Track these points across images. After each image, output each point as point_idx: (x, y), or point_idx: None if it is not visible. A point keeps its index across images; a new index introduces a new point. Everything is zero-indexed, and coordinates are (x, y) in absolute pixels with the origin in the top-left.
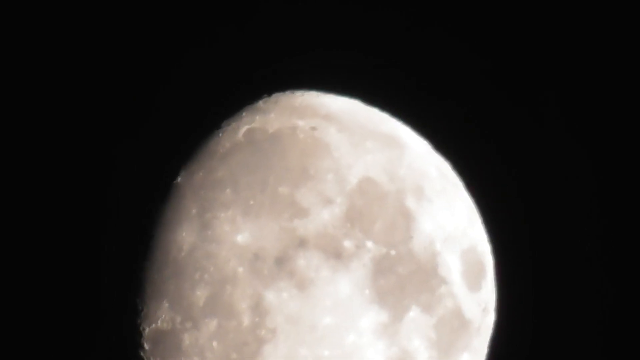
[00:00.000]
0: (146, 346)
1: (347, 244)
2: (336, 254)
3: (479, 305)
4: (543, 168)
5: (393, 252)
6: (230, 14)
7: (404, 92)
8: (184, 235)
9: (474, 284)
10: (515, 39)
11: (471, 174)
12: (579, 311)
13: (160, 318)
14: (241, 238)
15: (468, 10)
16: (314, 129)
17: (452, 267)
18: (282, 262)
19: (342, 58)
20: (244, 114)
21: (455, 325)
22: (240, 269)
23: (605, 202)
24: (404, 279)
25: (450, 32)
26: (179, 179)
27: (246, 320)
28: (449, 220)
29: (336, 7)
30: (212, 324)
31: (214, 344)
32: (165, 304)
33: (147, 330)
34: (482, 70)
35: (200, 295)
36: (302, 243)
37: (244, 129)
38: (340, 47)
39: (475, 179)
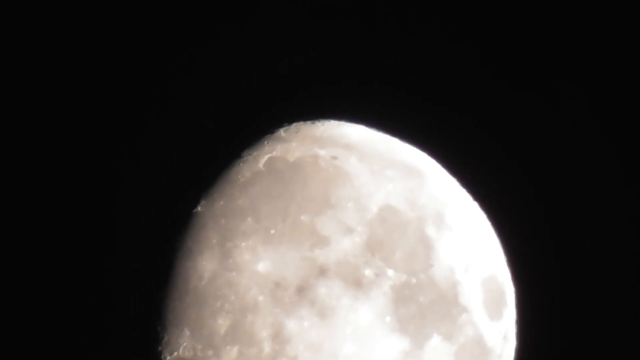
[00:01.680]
0: None
1: (368, 272)
2: (357, 282)
3: (500, 333)
4: (566, 196)
5: (414, 281)
6: (253, 44)
7: (424, 122)
8: (204, 264)
9: (494, 312)
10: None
11: (492, 203)
12: (601, 338)
13: (181, 346)
14: (262, 267)
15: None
16: (334, 158)
17: (472, 295)
18: (303, 290)
19: (363, 88)
20: (265, 143)
21: (476, 353)
22: (261, 298)
23: (631, 229)
24: (424, 307)
25: (471, 61)
26: (199, 208)
27: (267, 348)
28: (469, 249)
29: (357, 38)
30: (233, 352)
31: None
32: (187, 332)
33: (168, 358)
34: (505, 99)
35: (222, 323)
36: (322, 271)
37: (265, 158)
38: (360, 78)
39: (496, 207)
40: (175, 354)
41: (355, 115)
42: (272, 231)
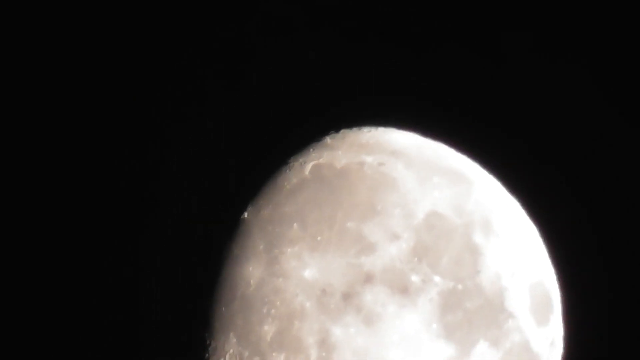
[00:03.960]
0: None
1: (414, 278)
2: (403, 289)
3: (547, 339)
4: (614, 201)
5: (460, 287)
6: (300, 51)
7: (471, 128)
8: (251, 270)
9: (541, 318)
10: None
11: (539, 209)
12: None
13: (228, 352)
14: (308, 273)
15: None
16: (381, 164)
17: (519, 301)
18: (349, 297)
19: (410, 94)
20: (311, 150)
21: (523, 359)
22: (308, 304)
23: None
24: (471, 313)
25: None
26: (246, 215)
27: (313, 355)
28: (516, 255)
29: (404, 44)
30: (279, 359)
31: None
32: (233, 339)
33: None
34: (547, 105)
35: (268, 329)
36: (369, 278)
37: (311, 164)
38: (406, 84)
39: (543, 213)
40: (222, 359)
41: (402, 122)
42: (319, 238)
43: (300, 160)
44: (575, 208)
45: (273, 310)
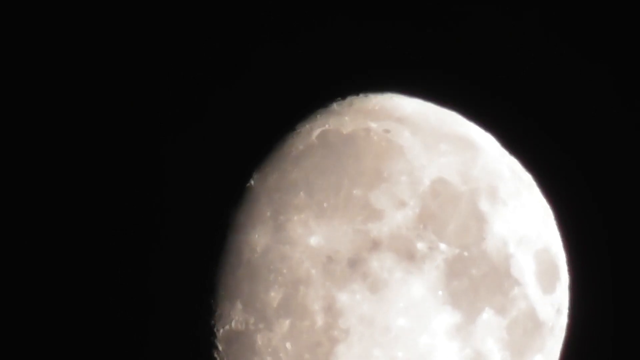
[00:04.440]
0: (220, 347)
1: (420, 245)
2: (409, 256)
3: (553, 306)
4: (618, 166)
5: (466, 254)
6: (307, 18)
7: (477, 94)
8: (257, 237)
9: (547, 285)
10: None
11: (545, 175)
12: None
13: (234, 319)
14: (314, 240)
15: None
16: (387, 131)
17: (525, 268)
18: (355, 264)
19: (415, 61)
20: (317, 116)
21: (528, 327)
22: (314, 271)
23: None
24: (477, 280)
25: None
26: (252, 182)
27: (319, 321)
28: (522, 222)
29: (410, 11)
30: (285, 325)
31: (287, 344)
32: (239, 305)
33: (220, 331)
34: (553, 70)
35: (274, 296)
36: (375, 245)
37: (317, 131)
38: (413, 50)
39: (549, 180)
40: (228, 327)
41: (408, 89)
42: (325, 205)
43: (307, 126)
44: (583, 175)
45: (279, 277)
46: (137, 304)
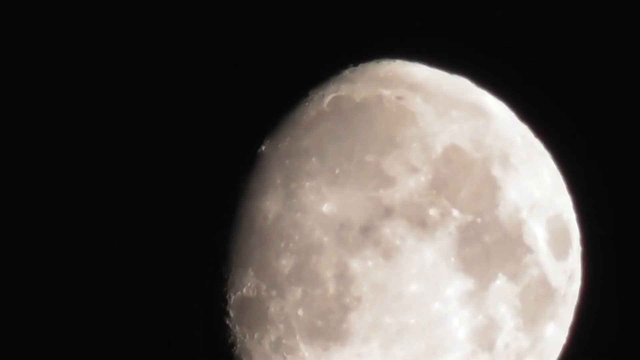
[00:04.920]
0: (231, 314)
1: (433, 212)
2: (422, 223)
3: (565, 273)
4: (630, 135)
5: (479, 221)
6: None
7: (489, 61)
8: (269, 204)
9: (559, 252)
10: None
11: (558, 142)
12: None
13: (245, 286)
14: (326, 207)
15: None
16: (399, 98)
17: (537, 235)
18: (367, 231)
19: (428, 28)
20: (330, 83)
21: (541, 294)
22: (326, 238)
23: None
24: (489, 247)
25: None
26: (264, 148)
27: (331, 289)
28: (534, 189)
29: None
30: (297, 293)
31: (300, 311)
32: (251, 272)
33: (232, 298)
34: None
35: (286, 264)
36: (387, 212)
37: (329, 97)
38: (425, 17)
39: (562, 146)
40: (239, 293)
41: (421, 56)
42: (337, 171)
43: (319, 93)
44: (595, 141)
45: (291, 244)
46: (148, 272)
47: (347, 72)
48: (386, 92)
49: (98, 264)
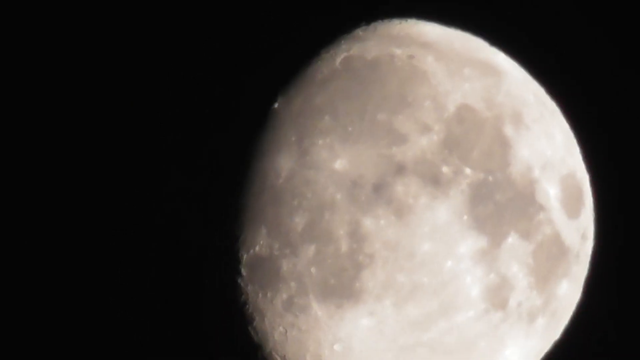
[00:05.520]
0: (244, 272)
1: (445, 170)
2: (434, 181)
3: (578, 231)
4: None
5: (491, 179)
6: None
7: (501, 19)
8: (281, 162)
9: (572, 210)
10: None
11: (571, 101)
12: None
13: (258, 244)
14: (339, 165)
15: None
16: (411, 57)
17: (550, 193)
18: (380, 188)
19: None
20: (342, 42)
21: (554, 252)
22: (338, 196)
23: None
24: (502, 205)
25: None
26: (276, 106)
27: (344, 247)
28: (547, 147)
29: None
30: (310, 250)
31: (312, 269)
32: (264, 230)
33: (245, 256)
34: None
35: (299, 221)
36: (400, 170)
37: (341, 56)
38: None
39: (575, 105)
40: (252, 252)
41: (432, 14)
42: (350, 129)
43: (331, 51)
44: (609, 99)
45: (304, 202)
46: (148, 272)
47: (359, 31)
48: (398, 51)
49: (98, 264)
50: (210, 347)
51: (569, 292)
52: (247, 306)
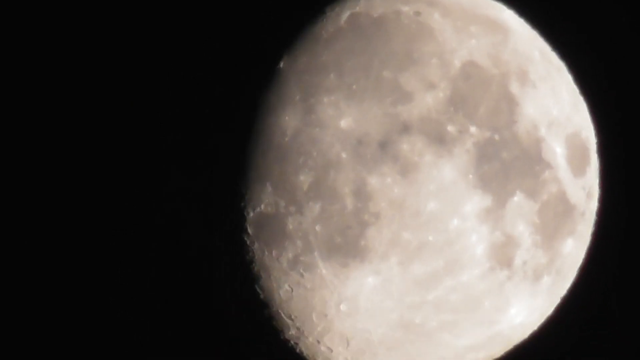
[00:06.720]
0: (250, 230)
1: (451, 128)
2: (440, 139)
3: (584, 189)
4: None
5: (497, 137)
6: None
7: None
8: (287, 120)
9: (578, 168)
10: None
11: (578, 59)
12: None
13: (264, 202)
14: (344, 123)
15: None
16: (418, 13)
17: (556, 152)
18: (385, 146)
19: None
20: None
21: (559, 210)
22: (344, 154)
23: None
24: (507, 164)
25: None
26: (282, 64)
27: (349, 205)
28: (553, 105)
29: None
30: (315, 208)
31: (318, 227)
32: (269, 188)
33: (251, 214)
34: None
35: (304, 179)
36: (405, 127)
37: (347, 13)
38: None
39: (582, 64)
40: (258, 209)
41: None
42: (355, 87)
43: (337, 9)
44: (616, 56)
45: (309, 160)
46: (148, 272)
47: None
48: (404, 8)
49: (98, 264)
50: (211, 343)
51: (574, 250)
52: (254, 264)
